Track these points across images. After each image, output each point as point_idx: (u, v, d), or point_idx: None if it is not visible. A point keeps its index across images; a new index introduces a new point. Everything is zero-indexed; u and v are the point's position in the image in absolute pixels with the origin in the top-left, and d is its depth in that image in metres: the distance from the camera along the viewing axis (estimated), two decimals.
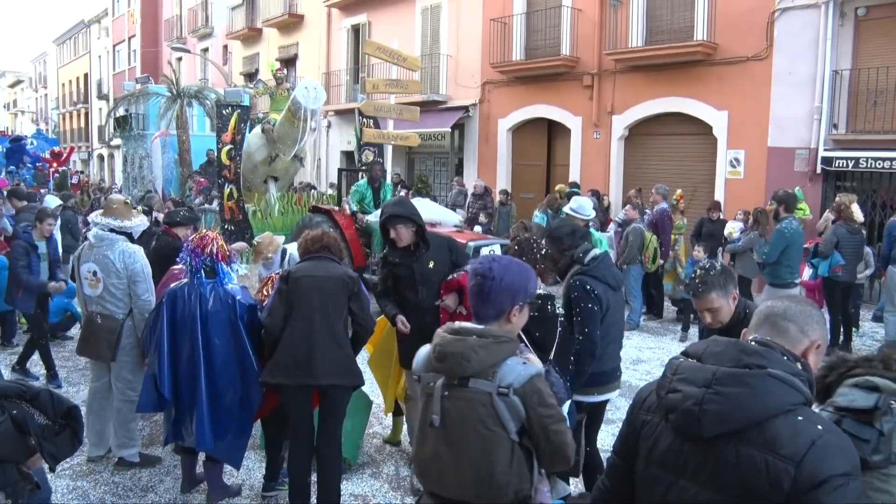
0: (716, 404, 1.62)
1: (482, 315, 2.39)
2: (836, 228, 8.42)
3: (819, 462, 1.53)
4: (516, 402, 2.23)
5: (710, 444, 1.64)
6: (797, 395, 1.63)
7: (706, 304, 3.14)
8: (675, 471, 1.72)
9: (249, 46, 28.24)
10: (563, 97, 15.87)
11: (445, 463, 2.30)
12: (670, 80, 13.86)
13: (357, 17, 21.78)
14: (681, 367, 1.77)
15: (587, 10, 15.18)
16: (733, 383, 1.63)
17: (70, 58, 49.48)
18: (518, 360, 2.31)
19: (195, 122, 23.30)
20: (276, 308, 4.00)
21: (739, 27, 12.73)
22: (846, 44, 11.75)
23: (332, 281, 4.03)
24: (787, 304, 1.86)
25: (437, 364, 2.32)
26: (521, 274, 2.44)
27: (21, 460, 2.44)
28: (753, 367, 1.65)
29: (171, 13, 35.45)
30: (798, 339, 1.79)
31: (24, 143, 21.08)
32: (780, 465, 1.54)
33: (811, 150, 12.02)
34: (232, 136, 10.78)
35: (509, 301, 2.38)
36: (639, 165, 14.86)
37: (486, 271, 2.38)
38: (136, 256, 4.74)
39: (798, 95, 12.13)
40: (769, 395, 1.61)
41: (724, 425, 1.62)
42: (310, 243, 4.20)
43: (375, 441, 5.46)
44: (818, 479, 1.51)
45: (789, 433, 1.57)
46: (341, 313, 4.05)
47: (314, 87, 10.35)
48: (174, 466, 4.83)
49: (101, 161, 42.56)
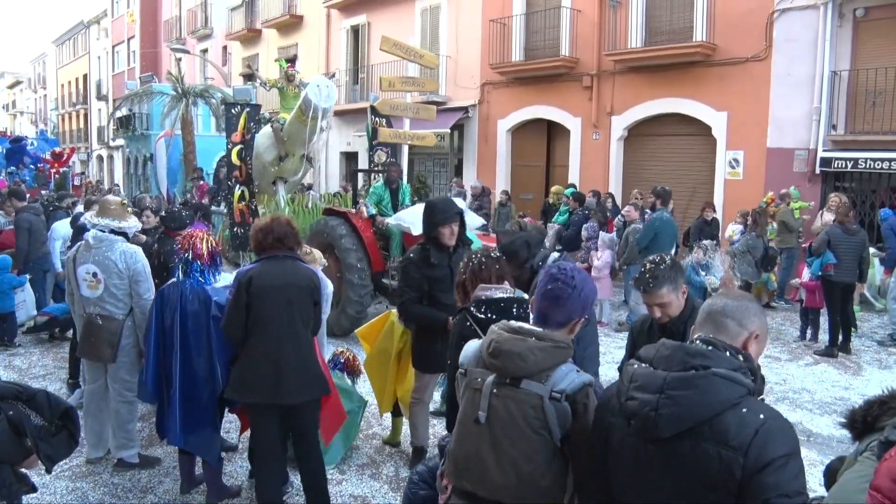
0: (669, 408, 1.80)
1: (551, 319, 2.38)
2: (829, 228, 8.46)
3: (763, 447, 1.72)
4: (567, 408, 2.21)
5: (670, 444, 1.82)
6: (740, 388, 1.81)
7: (657, 298, 3.09)
8: (642, 469, 1.90)
9: (249, 47, 28.24)
10: (563, 98, 15.88)
11: (486, 461, 2.27)
12: (669, 80, 13.87)
13: (356, 18, 21.79)
14: (635, 375, 1.93)
15: (586, 10, 15.19)
16: (682, 386, 1.81)
17: (69, 59, 49.49)
18: (572, 366, 2.31)
19: (200, 122, 22.82)
20: (234, 317, 3.77)
21: (738, 28, 12.74)
22: (845, 45, 11.76)
23: (298, 289, 3.81)
24: (725, 301, 2.03)
25: (491, 360, 2.29)
26: (594, 290, 2.50)
27: (17, 462, 2.42)
28: (699, 367, 1.82)
29: (171, 14, 35.45)
30: (737, 332, 1.96)
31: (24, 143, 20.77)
32: (731, 455, 1.73)
33: (810, 151, 12.04)
34: (242, 136, 10.51)
35: (580, 311, 2.41)
36: (638, 166, 14.86)
37: (569, 279, 2.39)
38: (136, 256, 4.74)
39: (797, 96, 12.14)
40: (715, 393, 1.79)
41: (679, 425, 1.80)
42: (261, 236, 3.87)
43: (375, 442, 5.45)
44: (763, 462, 1.71)
45: (736, 425, 1.75)
46: (308, 322, 3.90)
47: (326, 85, 10.03)
48: (173, 468, 4.83)
49: (100, 162, 42.57)
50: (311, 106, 9.74)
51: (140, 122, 25.37)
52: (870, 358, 8.32)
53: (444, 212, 4.37)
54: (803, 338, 9.03)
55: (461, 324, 3.26)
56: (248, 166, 10.55)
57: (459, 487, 2.38)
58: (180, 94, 20.82)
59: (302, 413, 3.89)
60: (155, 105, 22.58)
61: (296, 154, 11.43)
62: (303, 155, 11.62)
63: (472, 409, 2.31)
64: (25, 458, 2.43)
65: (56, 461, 2.55)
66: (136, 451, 4.94)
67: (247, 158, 10.47)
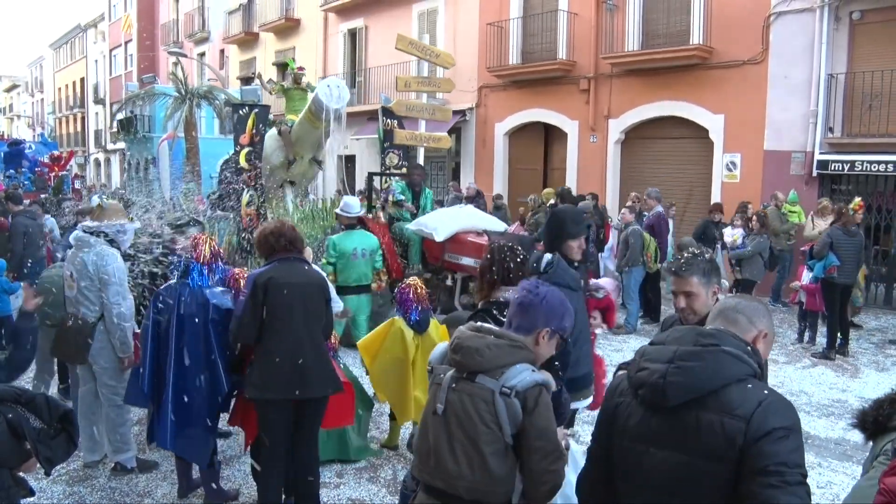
0: (677, 376, 1.89)
1: (514, 324, 2.51)
2: (831, 230, 8.45)
3: (765, 417, 1.79)
4: (516, 404, 2.29)
5: (675, 413, 1.89)
6: (747, 367, 1.90)
7: (685, 285, 2.93)
8: (645, 441, 1.96)
9: (246, 51, 28.26)
10: (560, 101, 15.90)
11: (443, 452, 2.37)
12: (666, 83, 13.90)
13: (353, 22, 21.81)
14: (647, 351, 2.04)
15: (583, 14, 15.22)
16: (692, 358, 1.90)
17: (66, 62, 49.47)
18: (528, 367, 2.38)
19: (203, 125, 22.16)
20: (249, 316, 3.81)
21: (735, 31, 12.77)
22: (841, 48, 11.79)
23: (312, 287, 3.94)
24: (738, 300, 2.15)
25: (452, 355, 2.43)
26: (562, 305, 2.56)
27: (16, 465, 2.42)
28: (709, 345, 1.92)
29: (168, 17, 35.47)
30: (747, 328, 2.05)
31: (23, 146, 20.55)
32: (734, 423, 1.80)
33: (807, 154, 12.06)
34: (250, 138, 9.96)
35: (543, 322, 2.49)
36: (635, 169, 14.88)
37: (534, 287, 2.57)
38: (108, 259, 4.62)
39: (794, 99, 12.16)
40: (722, 367, 1.88)
41: (686, 394, 1.87)
42: (272, 239, 3.94)
43: (372, 446, 5.44)
44: (764, 430, 1.77)
45: (741, 397, 1.84)
46: (321, 320, 4.00)
47: (337, 86, 9.61)
48: (171, 471, 4.81)
49: (97, 166, 42.52)
50: (323, 108, 9.50)
51: (142, 125, 24.61)
52: (867, 360, 8.32)
53: (576, 223, 4.10)
54: (801, 340, 9.04)
55: None
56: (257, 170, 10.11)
57: (423, 481, 2.48)
58: (183, 95, 20.25)
59: (316, 407, 4.00)
60: (157, 107, 21.91)
61: (305, 157, 11.19)
62: (312, 158, 11.38)
63: (433, 403, 2.44)
64: (24, 462, 2.42)
65: (55, 464, 2.55)
66: (133, 454, 4.91)
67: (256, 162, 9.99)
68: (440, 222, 8.17)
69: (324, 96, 9.48)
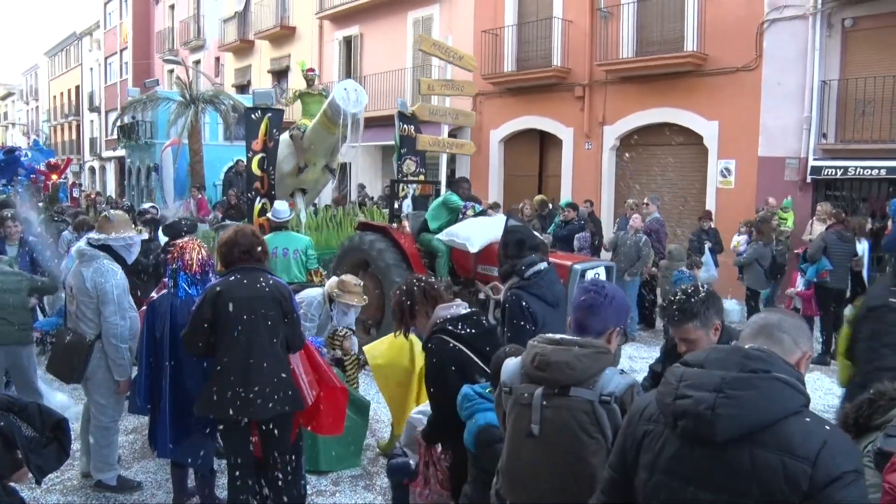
0: (728, 408, 1.66)
1: (589, 328, 2.46)
2: (826, 234, 8.47)
3: (832, 460, 1.60)
4: (617, 409, 2.28)
5: (722, 449, 1.67)
6: (801, 397, 1.70)
7: (682, 333, 2.83)
8: (683, 478, 1.75)
9: (241, 58, 28.28)
10: (555, 108, 15.94)
11: (542, 472, 2.33)
12: (661, 90, 13.95)
13: (349, 29, 21.85)
14: (686, 374, 1.79)
15: (578, 21, 15.28)
16: (743, 387, 1.68)
17: (61, 70, 49.43)
18: (615, 370, 2.38)
19: (207, 131, 21.08)
20: (192, 332, 3.68)
21: (729, 38, 12.83)
22: (834, 54, 11.86)
23: (265, 301, 3.66)
24: (780, 317, 1.94)
25: (537, 373, 2.35)
26: (626, 301, 2.60)
27: (7, 475, 2.39)
28: (759, 371, 1.70)
29: (163, 25, 35.48)
30: (791, 349, 1.85)
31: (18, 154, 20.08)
32: (798, 465, 1.60)
33: (801, 160, 12.11)
34: (263, 144, 9.52)
35: (614, 320, 2.49)
36: (630, 176, 14.91)
37: (600, 289, 2.52)
38: (107, 276, 4.42)
39: (787, 105, 12.22)
40: (778, 398, 1.67)
41: (738, 428, 1.66)
42: (225, 250, 3.76)
43: (369, 453, 5.43)
44: (833, 476, 1.58)
45: (801, 434, 1.63)
46: (278, 334, 3.72)
47: (354, 89, 9.26)
48: (166, 480, 4.79)
49: (92, 174, 42.46)
50: (340, 112, 9.09)
51: (143, 131, 23.60)
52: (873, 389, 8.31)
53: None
54: None
55: (443, 346, 3.22)
56: (270, 177, 9.59)
57: (514, 501, 2.44)
58: (188, 100, 19.34)
59: (274, 428, 3.78)
60: (160, 112, 21.02)
61: (317, 164, 10.71)
62: (325, 165, 10.90)
63: (524, 423, 2.35)
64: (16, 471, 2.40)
65: (46, 473, 2.54)
66: (115, 474, 4.77)
67: (269, 169, 9.51)
68: (473, 232, 7.66)
69: (341, 100, 9.06)
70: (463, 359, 3.21)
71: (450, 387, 3.20)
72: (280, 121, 9.55)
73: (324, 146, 10.31)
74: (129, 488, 4.77)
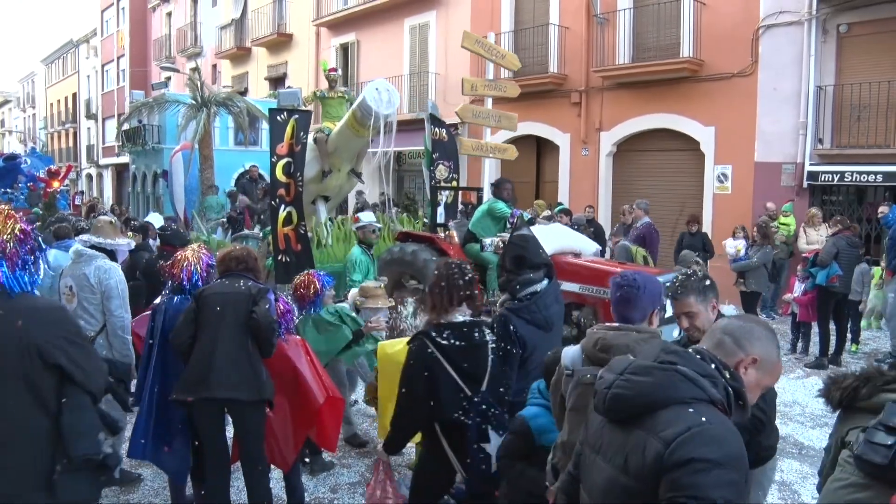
0: (621, 388, 1.84)
1: (631, 319, 2.72)
2: (836, 240, 8.47)
3: (686, 446, 1.67)
4: None
5: (620, 426, 1.86)
6: (699, 391, 1.78)
7: (684, 307, 3.11)
8: (594, 449, 1.96)
9: (238, 66, 28.33)
10: (552, 114, 15.97)
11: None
12: (657, 96, 13.99)
13: (346, 36, 21.90)
14: (615, 360, 2.00)
15: (574, 27, 15.34)
16: (642, 373, 1.84)
17: (58, 77, 49.46)
18: None
19: (216, 135, 19.98)
20: (182, 328, 3.91)
21: (725, 44, 12.88)
22: (829, 60, 11.91)
23: (237, 294, 3.92)
24: (728, 321, 2.07)
25: (601, 355, 2.52)
26: (657, 285, 2.82)
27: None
28: (666, 363, 1.84)
29: (160, 33, 35.54)
30: (732, 350, 1.96)
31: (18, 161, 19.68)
32: (656, 445, 1.71)
33: (797, 165, 12.14)
34: (289, 148, 8.68)
35: (652, 305, 2.75)
36: (627, 181, 14.94)
37: (632, 282, 2.74)
38: (111, 273, 4.71)
39: (783, 111, 12.26)
40: (668, 387, 1.78)
41: (626, 408, 1.83)
42: (226, 259, 4.14)
43: (367, 460, 5.42)
44: (682, 460, 1.66)
45: (673, 420, 1.73)
46: (243, 325, 3.88)
47: (386, 89, 8.80)
48: (163, 488, 4.78)
49: (89, 181, 42.43)
50: (371, 113, 8.59)
51: (150, 135, 22.32)
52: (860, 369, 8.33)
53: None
54: (794, 351, 9.06)
55: (422, 350, 3.20)
56: (297, 184, 8.69)
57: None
58: (200, 102, 18.20)
59: (236, 414, 3.95)
60: (168, 116, 20.07)
61: (342, 169, 10.15)
62: (350, 169, 10.34)
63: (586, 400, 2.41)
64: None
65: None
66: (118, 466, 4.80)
67: (296, 174, 8.60)
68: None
69: (372, 101, 8.58)
70: (436, 369, 3.16)
71: (416, 393, 3.20)
72: (308, 123, 8.88)
73: (350, 150, 9.83)
74: (130, 481, 4.90)
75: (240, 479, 4.29)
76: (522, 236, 4.01)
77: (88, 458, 2.65)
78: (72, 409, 2.60)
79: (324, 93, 10.87)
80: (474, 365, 3.20)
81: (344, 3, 21.89)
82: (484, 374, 3.22)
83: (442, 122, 10.06)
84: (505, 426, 3.20)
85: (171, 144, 20.65)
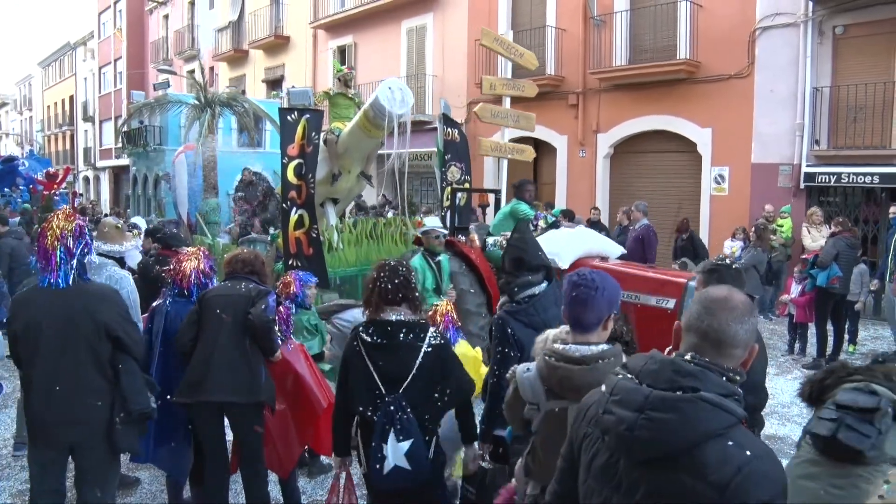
0: (647, 430, 1.64)
1: (584, 321, 2.49)
2: (836, 241, 8.47)
3: (741, 490, 1.55)
4: None
5: (646, 466, 1.66)
6: (729, 417, 1.63)
7: None
8: (610, 487, 1.75)
9: (236, 68, 28.32)
10: (549, 116, 15.96)
11: None
12: (654, 98, 14.01)
13: (343, 39, 21.91)
14: (617, 387, 1.77)
15: (571, 29, 15.35)
16: (665, 408, 1.64)
17: (55, 80, 49.39)
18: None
19: (220, 137, 19.48)
20: (185, 330, 3.97)
21: (721, 46, 12.91)
22: (825, 62, 11.94)
23: (237, 297, 3.97)
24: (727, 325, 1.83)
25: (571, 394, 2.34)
26: (615, 286, 2.59)
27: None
28: (687, 389, 1.65)
29: (158, 35, 35.53)
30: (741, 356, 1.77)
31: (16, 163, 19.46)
32: (707, 491, 1.56)
33: (794, 166, 12.17)
34: (300, 149, 8.32)
35: (607, 309, 2.51)
36: (625, 183, 14.96)
37: (590, 282, 2.51)
38: (122, 283, 4.48)
39: (780, 112, 12.29)
40: (699, 421, 1.61)
41: (655, 452, 1.64)
42: (233, 262, 4.21)
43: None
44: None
45: (718, 459, 1.59)
46: (242, 326, 3.91)
47: (399, 88, 8.55)
48: (161, 491, 4.76)
49: (86, 183, 42.38)
50: (385, 113, 8.37)
51: (151, 136, 21.78)
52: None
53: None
54: (791, 352, 9.07)
55: (350, 343, 3.25)
56: (309, 185, 8.39)
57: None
58: (204, 103, 17.74)
59: (233, 417, 3.98)
60: (171, 117, 19.57)
61: (352, 171, 9.88)
62: (360, 171, 10.09)
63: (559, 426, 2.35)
64: None
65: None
66: None
67: (308, 176, 8.30)
68: (562, 246, 6.77)
69: (385, 100, 8.34)
70: (355, 361, 3.19)
71: (339, 384, 3.32)
72: (320, 123, 8.57)
73: (361, 151, 9.59)
74: (128, 485, 4.87)
75: (238, 481, 4.29)
76: (522, 238, 3.90)
77: (143, 411, 3.43)
78: (127, 373, 3.41)
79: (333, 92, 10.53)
80: (395, 365, 3.12)
81: (341, 5, 21.91)
82: (406, 377, 3.12)
83: (455, 123, 9.80)
84: (409, 434, 3.07)
85: (173, 146, 20.17)
